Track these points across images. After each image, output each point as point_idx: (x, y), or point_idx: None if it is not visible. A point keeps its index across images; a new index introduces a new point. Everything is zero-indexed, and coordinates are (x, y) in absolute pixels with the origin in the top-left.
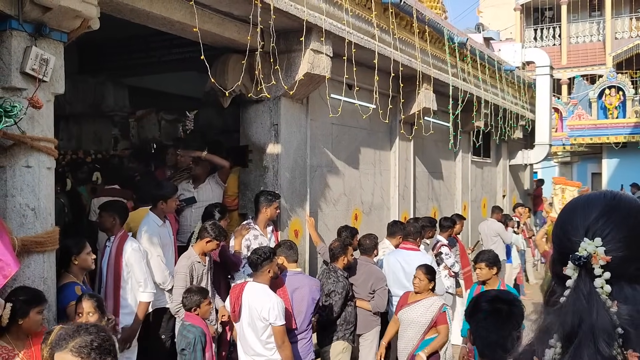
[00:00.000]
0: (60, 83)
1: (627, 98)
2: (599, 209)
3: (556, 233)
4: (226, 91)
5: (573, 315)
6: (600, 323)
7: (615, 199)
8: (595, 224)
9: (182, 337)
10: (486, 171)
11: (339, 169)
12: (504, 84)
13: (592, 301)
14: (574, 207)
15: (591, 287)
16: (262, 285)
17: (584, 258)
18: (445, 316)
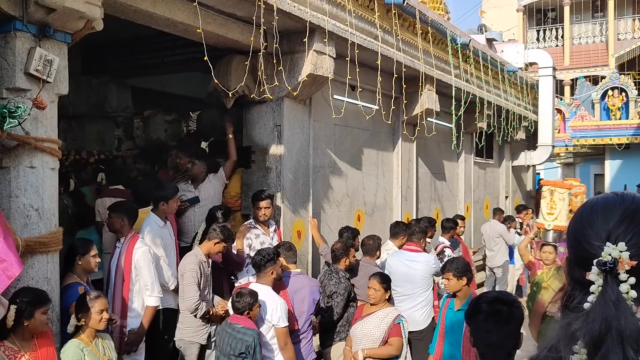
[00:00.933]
0: (64, 84)
1: (630, 99)
2: (620, 212)
3: (575, 237)
4: (229, 92)
5: (601, 322)
6: (628, 329)
7: (634, 202)
8: (617, 229)
9: (237, 341)
10: (489, 172)
11: (341, 169)
12: (506, 85)
13: (620, 307)
14: (591, 210)
15: (619, 293)
16: (265, 286)
17: (610, 263)
18: (399, 328)
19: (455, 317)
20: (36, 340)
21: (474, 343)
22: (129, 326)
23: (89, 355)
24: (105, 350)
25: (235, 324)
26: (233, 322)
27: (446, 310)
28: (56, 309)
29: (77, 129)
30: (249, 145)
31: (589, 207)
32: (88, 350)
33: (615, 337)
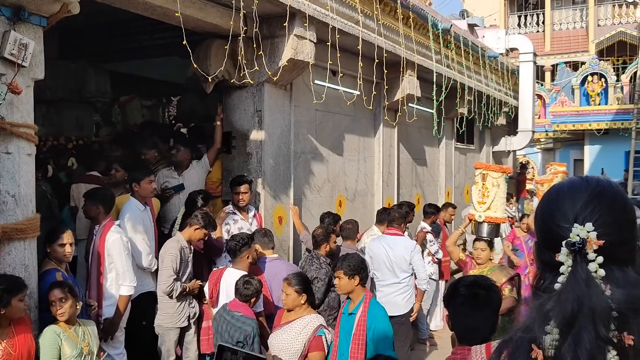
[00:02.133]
0: (40, 68)
1: (609, 85)
2: (586, 194)
3: (543, 220)
4: (209, 77)
5: (573, 301)
6: (599, 307)
7: (599, 185)
8: (584, 210)
9: (235, 329)
10: (469, 157)
11: (323, 155)
12: (487, 71)
13: (591, 286)
14: (558, 194)
15: (588, 272)
16: (239, 271)
17: (578, 243)
18: (320, 341)
19: (346, 322)
20: (13, 328)
21: (452, 326)
22: (105, 315)
23: (67, 340)
24: (85, 335)
25: (235, 312)
26: (232, 310)
27: (341, 315)
28: (34, 295)
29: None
30: (230, 130)
31: (555, 191)
32: (66, 335)
33: (587, 315)
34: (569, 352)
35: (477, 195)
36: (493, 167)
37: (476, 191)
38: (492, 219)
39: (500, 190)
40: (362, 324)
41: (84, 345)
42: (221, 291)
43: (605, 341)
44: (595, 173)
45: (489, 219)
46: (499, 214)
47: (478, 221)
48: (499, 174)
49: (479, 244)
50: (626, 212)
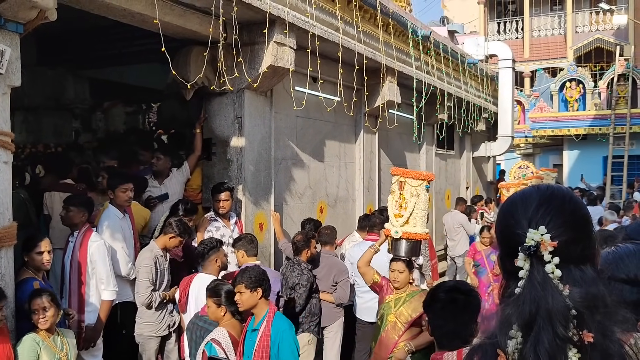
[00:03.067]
0: (16, 75)
1: (587, 91)
2: (537, 199)
3: (500, 230)
4: (188, 83)
5: (530, 303)
6: (556, 307)
7: (548, 189)
8: (535, 214)
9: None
10: (450, 163)
11: (303, 161)
12: (467, 77)
13: (547, 287)
14: (511, 203)
15: (544, 274)
16: (209, 276)
17: (532, 247)
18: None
19: (250, 339)
20: None
21: (432, 331)
22: (87, 321)
23: (45, 349)
24: (64, 345)
25: (206, 317)
26: (204, 315)
27: (245, 331)
28: (11, 305)
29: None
30: (210, 137)
31: (509, 202)
32: (44, 344)
33: (544, 315)
34: (530, 354)
35: (394, 206)
36: (411, 174)
37: (392, 202)
38: (410, 235)
39: (420, 201)
40: (266, 340)
41: (62, 355)
42: (190, 296)
43: (563, 340)
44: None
45: (407, 235)
46: (419, 228)
47: (394, 237)
48: (418, 181)
49: (396, 265)
50: (577, 211)
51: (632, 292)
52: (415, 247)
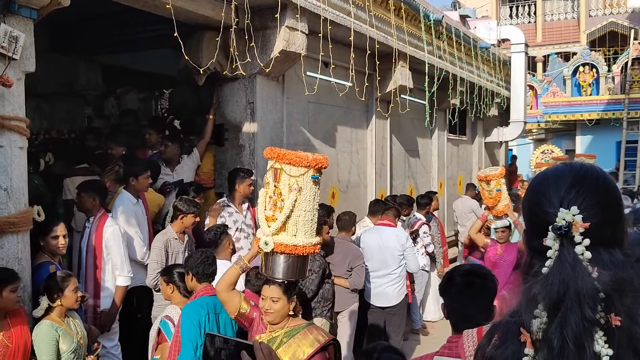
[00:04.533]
0: (30, 61)
1: (601, 75)
2: (570, 179)
3: (529, 207)
4: (201, 69)
5: (559, 284)
6: (585, 289)
7: (582, 169)
8: (568, 194)
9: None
10: (462, 149)
11: (315, 147)
12: (479, 62)
13: (577, 268)
14: (543, 180)
15: (575, 255)
16: (223, 261)
17: (564, 227)
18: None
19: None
20: (9, 320)
21: (447, 315)
22: (102, 306)
23: (64, 335)
24: (78, 328)
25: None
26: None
27: None
28: (28, 288)
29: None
30: (222, 122)
31: (540, 178)
32: (62, 329)
33: (573, 297)
34: (556, 334)
35: (266, 205)
36: (290, 157)
37: (264, 198)
38: (287, 248)
39: (303, 199)
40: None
41: (79, 338)
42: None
43: (591, 322)
44: None
45: (282, 248)
46: (302, 238)
47: (265, 251)
48: (299, 169)
49: (269, 290)
50: (610, 193)
51: None
52: (297, 266)
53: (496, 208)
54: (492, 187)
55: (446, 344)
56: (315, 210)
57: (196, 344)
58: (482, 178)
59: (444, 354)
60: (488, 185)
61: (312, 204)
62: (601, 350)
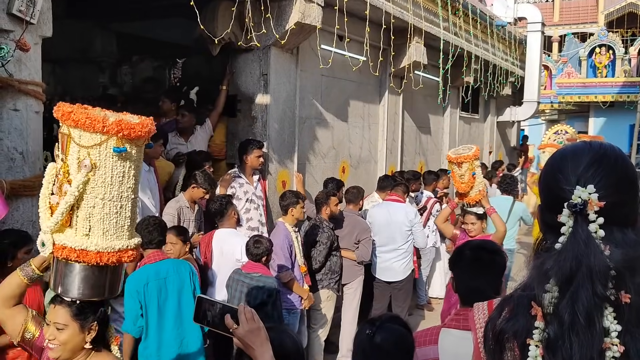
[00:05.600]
0: (47, 26)
1: (617, 57)
2: (588, 157)
3: (546, 183)
4: (215, 39)
5: (572, 260)
6: (597, 266)
7: (602, 148)
8: (586, 172)
9: (257, 290)
10: (474, 127)
11: (327, 121)
12: (494, 40)
13: (590, 245)
14: (561, 157)
15: (588, 233)
16: (230, 229)
17: (579, 205)
18: None
19: None
20: None
21: (456, 288)
22: None
23: None
24: None
25: (253, 273)
26: (249, 272)
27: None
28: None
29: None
30: (235, 94)
31: (559, 155)
32: None
33: (585, 273)
34: (567, 309)
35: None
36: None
37: (49, 178)
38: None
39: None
40: None
41: None
42: (215, 252)
43: (601, 298)
44: None
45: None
46: (104, 240)
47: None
48: (95, 136)
49: (53, 314)
50: (627, 174)
51: None
52: (100, 278)
53: (469, 195)
54: (465, 170)
55: (453, 316)
56: (127, 200)
57: (135, 314)
58: (452, 159)
59: (451, 326)
60: (459, 169)
61: (118, 189)
62: (610, 325)
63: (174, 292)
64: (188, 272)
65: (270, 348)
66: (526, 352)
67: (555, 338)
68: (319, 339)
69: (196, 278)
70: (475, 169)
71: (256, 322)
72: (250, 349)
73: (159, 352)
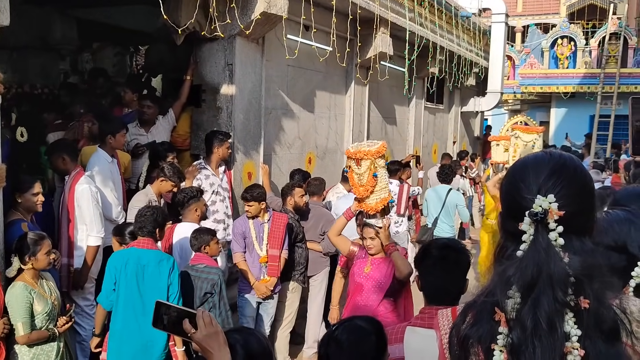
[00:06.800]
0: (5, 14)
1: (578, 48)
2: (549, 167)
3: (507, 191)
4: (179, 28)
5: (533, 267)
6: (557, 273)
7: (561, 158)
8: (546, 182)
9: (202, 280)
10: (438, 117)
11: (294, 112)
12: (459, 31)
13: (550, 253)
14: (523, 166)
15: (549, 241)
16: (190, 224)
17: (540, 214)
18: None
19: None
20: None
21: (422, 287)
22: (76, 265)
23: (37, 297)
24: (51, 290)
25: (198, 265)
26: (194, 264)
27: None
28: (0, 246)
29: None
30: (199, 84)
31: (520, 165)
32: (35, 292)
33: (545, 280)
34: (529, 314)
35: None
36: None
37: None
38: None
39: None
40: None
41: (53, 299)
42: (174, 246)
43: (562, 304)
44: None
45: None
46: None
47: None
48: None
49: None
50: (586, 184)
51: (621, 259)
52: None
53: (367, 202)
54: (364, 169)
55: (419, 315)
56: None
57: (108, 288)
58: (350, 155)
59: (416, 324)
60: (358, 167)
61: None
62: (571, 330)
63: (150, 282)
64: (169, 269)
65: (228, 352)
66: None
67: (519, 343)
68: (284, 330)
69: (176, 276)
70: (377, 169)
71: (214, 326)
72: (208, 353)
73: (122, 332)
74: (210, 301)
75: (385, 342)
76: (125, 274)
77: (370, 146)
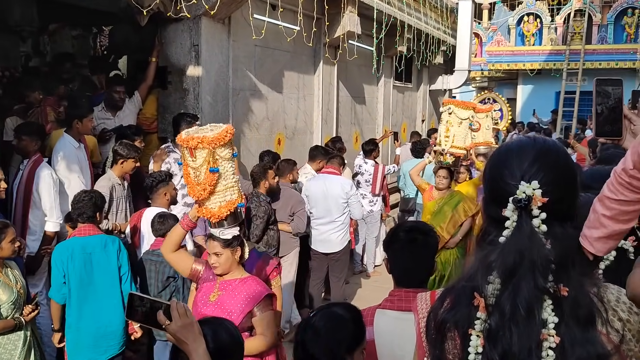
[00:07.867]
0: None
1: (544, 25)
2: (533, 153)
3: (491, 177)
4: (143, 9)
5: (515, 253)
6: (540, 259)
7: (545, 145)
8: (530, 168)
9: (164, 265)
10: (407, 96)
11: (262, 92)
12: (427, 9)
13: (533, 239)
14: (507, 152)
15: (532, 227)
16: (159, 208)
17: (524, 200)
18: None
19: None
20: None
21: (391, 269)
22: (28, 249)
23: (3, 286)
24: (17, 279)
25: (158, 250)
26: (155, 249)
27: None
28: None
29: None
30: (165, 65)
31: (504, 150)
32: (0, 281)
33: (527, 266)
34: (509, 300)
35: None
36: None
37: None
38: None
39: None
40: None
41: (19, 288)
42: (143, 230)
43: (542, 291)
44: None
45: None
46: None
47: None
48: None
49: None
50: (569, 171)
51: None
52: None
53: (207, 205)
54: (200, 163)
55: (388, 297)
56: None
57: (58, 282)
58: (182, 142)
59: (386, 307)
60: (193, 159)
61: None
62: (548, 317)
63: (99, 268)
64: (116, 250)
65: (203, 342)
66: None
67: (497, 328)
68: None
69: (124, 256)
70: (219, 162)
71: (189, 317)
72: (183, 344)
73: (78, 323)
74: (173, 285)
75: (363, 330)
76: (73, 265)
77: (210, 131)
